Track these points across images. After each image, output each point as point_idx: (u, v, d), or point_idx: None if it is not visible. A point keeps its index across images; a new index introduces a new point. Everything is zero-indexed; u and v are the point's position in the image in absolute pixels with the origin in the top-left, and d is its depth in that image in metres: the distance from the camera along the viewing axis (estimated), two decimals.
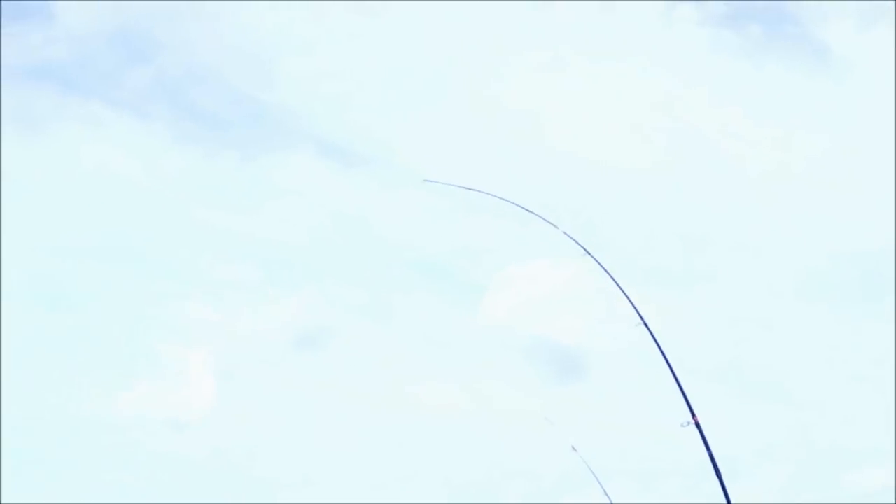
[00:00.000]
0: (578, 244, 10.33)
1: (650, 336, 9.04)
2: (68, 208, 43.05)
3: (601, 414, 33.27)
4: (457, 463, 36.62)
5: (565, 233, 10.43)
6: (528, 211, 10.81)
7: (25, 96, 43.09)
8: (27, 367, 37.23)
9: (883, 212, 39.70)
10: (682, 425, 9.15)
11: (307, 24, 46.45)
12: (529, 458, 31.91)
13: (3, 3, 39.73)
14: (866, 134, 41.51)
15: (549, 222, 10.46)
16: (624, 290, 9.69)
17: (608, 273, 10.01)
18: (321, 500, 35.87)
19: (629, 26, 43.62)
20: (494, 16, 44.21)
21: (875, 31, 42.77)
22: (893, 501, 26.83)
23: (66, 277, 41.71)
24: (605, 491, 18.22)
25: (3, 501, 24.52)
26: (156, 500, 36.06)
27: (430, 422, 37.77)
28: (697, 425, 8.89)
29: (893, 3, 40.55)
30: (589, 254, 9.68)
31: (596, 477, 17.97)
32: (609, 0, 43.54)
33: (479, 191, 12.14)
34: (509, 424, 31.84)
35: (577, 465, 17.80)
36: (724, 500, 8.78)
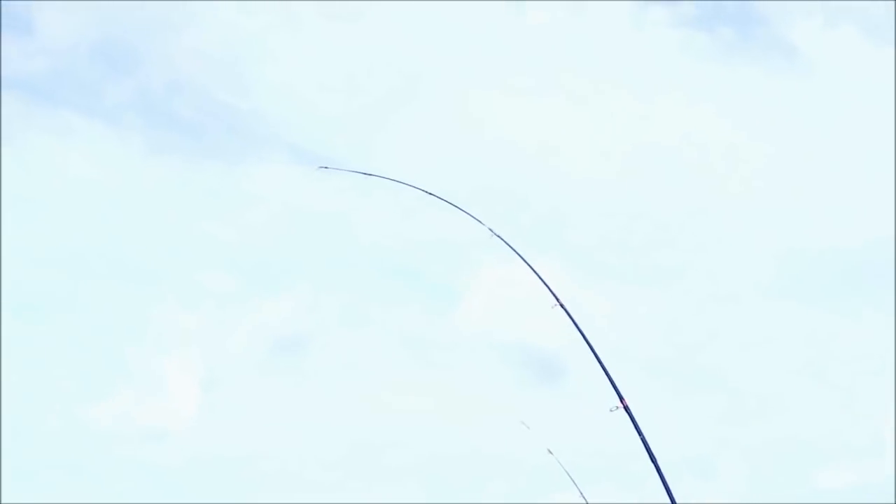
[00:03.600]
0: (482, 223, 10.24)
1: (569, 319, 9.03)
2: (45, 219, 43.12)
3: (579, 415, 33.59)
4: (435, 467, 36.94)
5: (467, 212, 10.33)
6: (446, 202, 10.64)
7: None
8: (5, 376, 37.25)
9: (850, 209, 40.30)
10: (610, 410, 9.25)
11: (281, 31, 46.60)
12: (507, 462, 32.24)
13: None
14: (833, 131, 42.08)
15: (460, 208, 10.38)
16: (534, 268, 9.62)
17: (516, 252, 9.99)
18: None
19: (600, 29, 44.02)
20: (466, 18, 44.51)
21: (840, 30, 43.38)
22: (893, 501, 26.98)
23: (44, 288, 41.80)
24: (581, 493, 18.39)
25: (3, 501, 24.63)
26: None
27: (407, 426, 38.04)
28: (627, 409, 9.00)
29: (858, 2, 41.16)
30: (496, 235, 9.62)
31: (572, 479, 18.15)
32: (580, 1, 43.87)
33: (379, 176, 11.64)
34: (487, 428, 32.18)
35: (555, 467, 18.00)
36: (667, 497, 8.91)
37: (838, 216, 41.31)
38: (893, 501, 26.89)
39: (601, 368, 8.19)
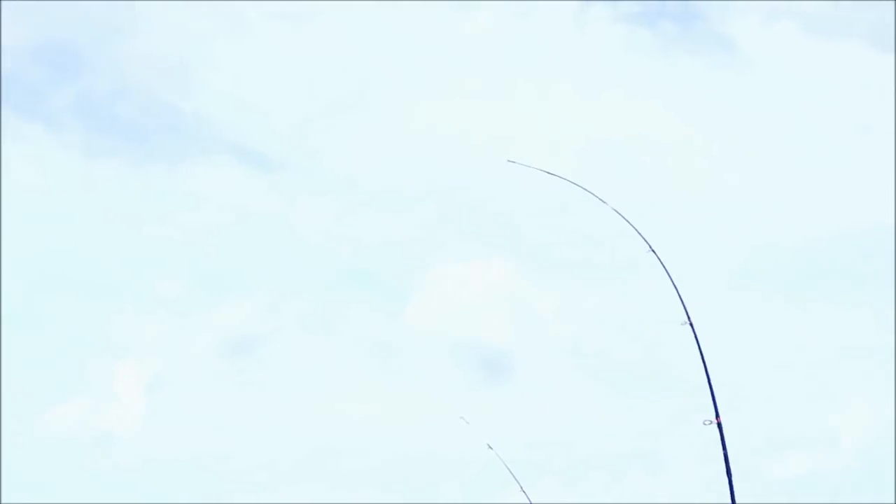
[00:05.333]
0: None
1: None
2: None
3: (526, 412, 33.86)
4: (389, 470, 37.00)
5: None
6: None
7: None
8: None
9: (802, 201, 40.92)
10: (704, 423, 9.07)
11: (228, 35, 46.48)
12: (456, 462, 32.39)
13: None
14: (774, 124, 42.66)
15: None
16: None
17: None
18: None
19: (544, 29, 44.31)
20: (412, 23, 44.63)
21: (778, 26, 44.01)
22: (893, 502, 27.05)
23: None
24: (522, 488, 18.38)
25: (3, 501, 24.37)
26: None
27: (360, 428, 38.07)
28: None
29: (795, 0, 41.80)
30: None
31: (513, 474, 18.15)
32: (524, 2, 44.14)
33: (562, 177, 11.30)
34: (438, 429, 32.35)
35: (497, 464, 17.96)
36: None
37: (791, 209, 41.94)
38: (893, 502, 26.97)
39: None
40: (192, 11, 44.14)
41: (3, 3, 41.05)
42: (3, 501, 24.68)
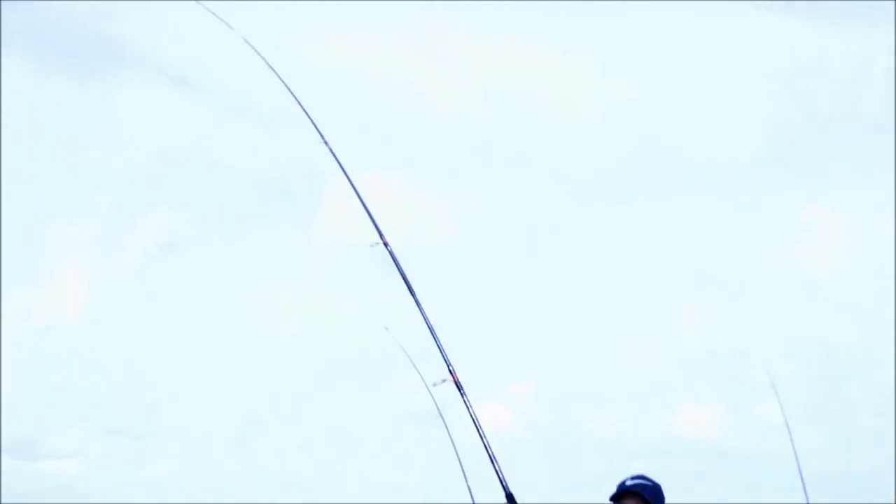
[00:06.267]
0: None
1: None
2: None
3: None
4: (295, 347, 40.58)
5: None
6: None
7: None
8: None
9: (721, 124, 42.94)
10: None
11: None
12: (363, 356, 35.88)
13: None
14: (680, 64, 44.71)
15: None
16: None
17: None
18: None
19: None
20: None
21: None
22: (893, 501, 29.19)
23: None
24: (415, 366, 20.93)
25: (3, 501, 25.76)
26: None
27: (278, 334, 41.69)
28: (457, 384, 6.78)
29: None
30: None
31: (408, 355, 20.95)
32: None
33: None
34: (349, 334, 35.71)
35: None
36: None
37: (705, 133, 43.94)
38: (893, 502, 29.07)
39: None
40: None
41: None
42: (3, 501, 26.49)
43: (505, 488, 5.12)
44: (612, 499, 4.77)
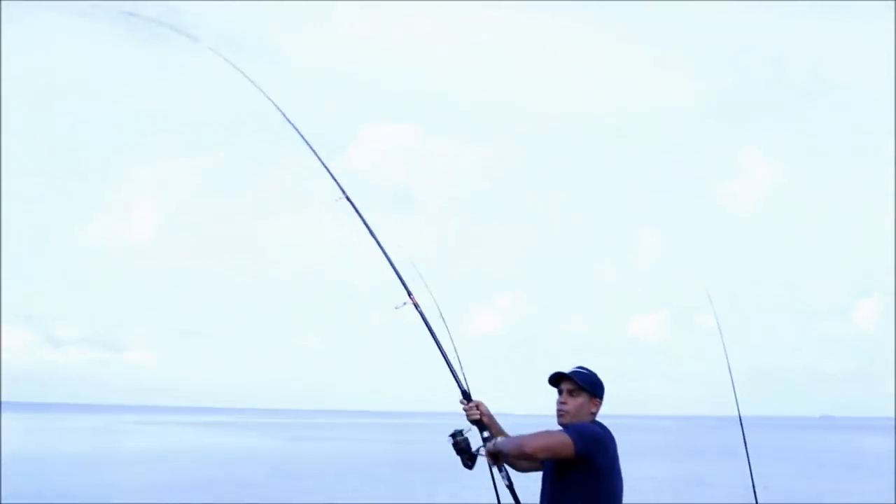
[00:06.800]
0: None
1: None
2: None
3: None
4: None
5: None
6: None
7: None
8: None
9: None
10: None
11: None
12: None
13: None
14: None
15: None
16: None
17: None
18: None
19: None
20: None
21: None
22: (893, 502, 27.84)
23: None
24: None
25: (3, 501, 25.03)
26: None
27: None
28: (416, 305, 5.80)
29: None
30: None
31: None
32: None
33: None
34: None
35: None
36: None
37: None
38: (893, 502, 27.87)
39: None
40: None
41: None
42: (3, 501, 25.73)
43: (459, 385, 5.29)
44: (549, 380, 5.01)
